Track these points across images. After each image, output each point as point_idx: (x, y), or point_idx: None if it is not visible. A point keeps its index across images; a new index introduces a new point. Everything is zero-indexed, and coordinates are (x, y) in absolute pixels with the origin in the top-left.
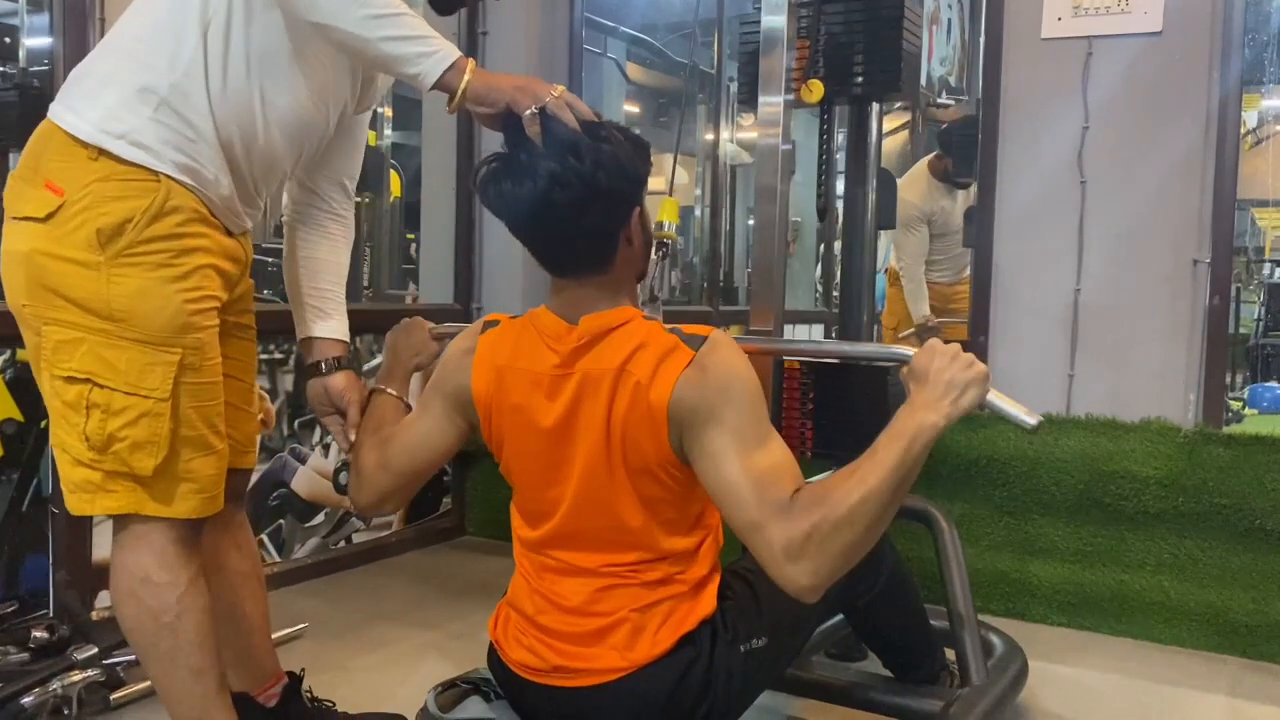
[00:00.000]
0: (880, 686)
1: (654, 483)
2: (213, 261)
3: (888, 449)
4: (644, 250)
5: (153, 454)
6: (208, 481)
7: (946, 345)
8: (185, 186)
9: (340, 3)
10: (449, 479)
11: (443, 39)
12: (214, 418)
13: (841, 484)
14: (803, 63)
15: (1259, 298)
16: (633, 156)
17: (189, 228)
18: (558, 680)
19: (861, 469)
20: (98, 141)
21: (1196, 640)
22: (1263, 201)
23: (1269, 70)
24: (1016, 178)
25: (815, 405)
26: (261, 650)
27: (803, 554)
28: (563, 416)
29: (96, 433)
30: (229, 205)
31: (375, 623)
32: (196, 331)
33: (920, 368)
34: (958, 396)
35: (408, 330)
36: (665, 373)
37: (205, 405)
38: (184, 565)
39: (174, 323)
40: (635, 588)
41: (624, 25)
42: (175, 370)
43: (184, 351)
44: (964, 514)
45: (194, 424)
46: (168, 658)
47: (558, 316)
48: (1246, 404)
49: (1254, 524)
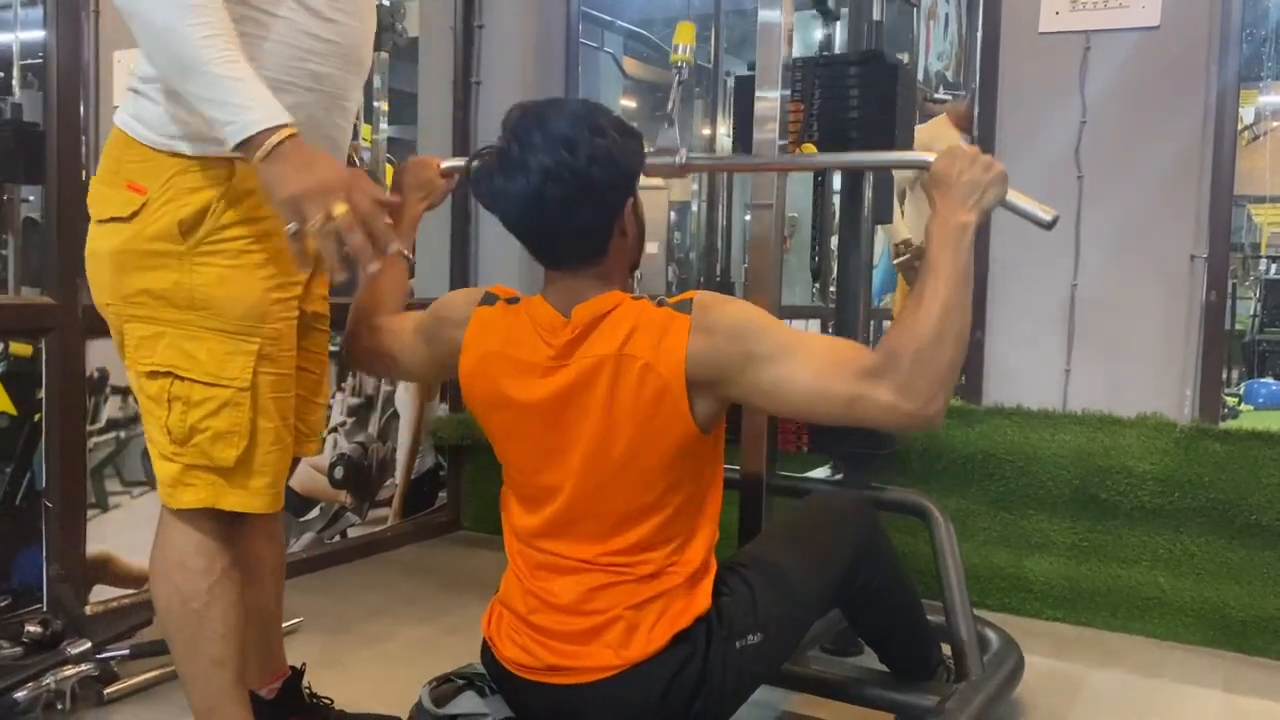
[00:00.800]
0: (876, 681)
1: (657, 466)
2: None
3: (941, 260)
4: (637, 240)
5: (234, 444)
6: (279, 475)
7: (965, 149)
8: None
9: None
10: (444, 474)
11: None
12: (287, 411)
13: (913, 314)
14: (797, 127)
15: (1255, 294)
16: (625, 149)
17: (266, 211)
18: (551, 678)
19: (925, 292)
20: (166, 147)
21: (1192, 635)
22: (1259, 198)
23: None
24: (1013, 172)
25: None
26: (276, 644)
27: (913, 389)
28: (558, 403)
29: (178, 425)
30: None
31: (370, 617)
32: (275, 322)
33: (942, 172)
34: (980, 197)
35: (415, 168)
36: (671, 346)
37: (281, 397)
38: (220, 555)
39: (254, 311)
40: (630, 583)
41: (621, 19)
42: (254, 360)
43: (262, 341)
44: (960, 509)
45: (271, 415)
46: (191, 643)
47: (552, 308)
48: (1242, 400)
49: (1249, 519)
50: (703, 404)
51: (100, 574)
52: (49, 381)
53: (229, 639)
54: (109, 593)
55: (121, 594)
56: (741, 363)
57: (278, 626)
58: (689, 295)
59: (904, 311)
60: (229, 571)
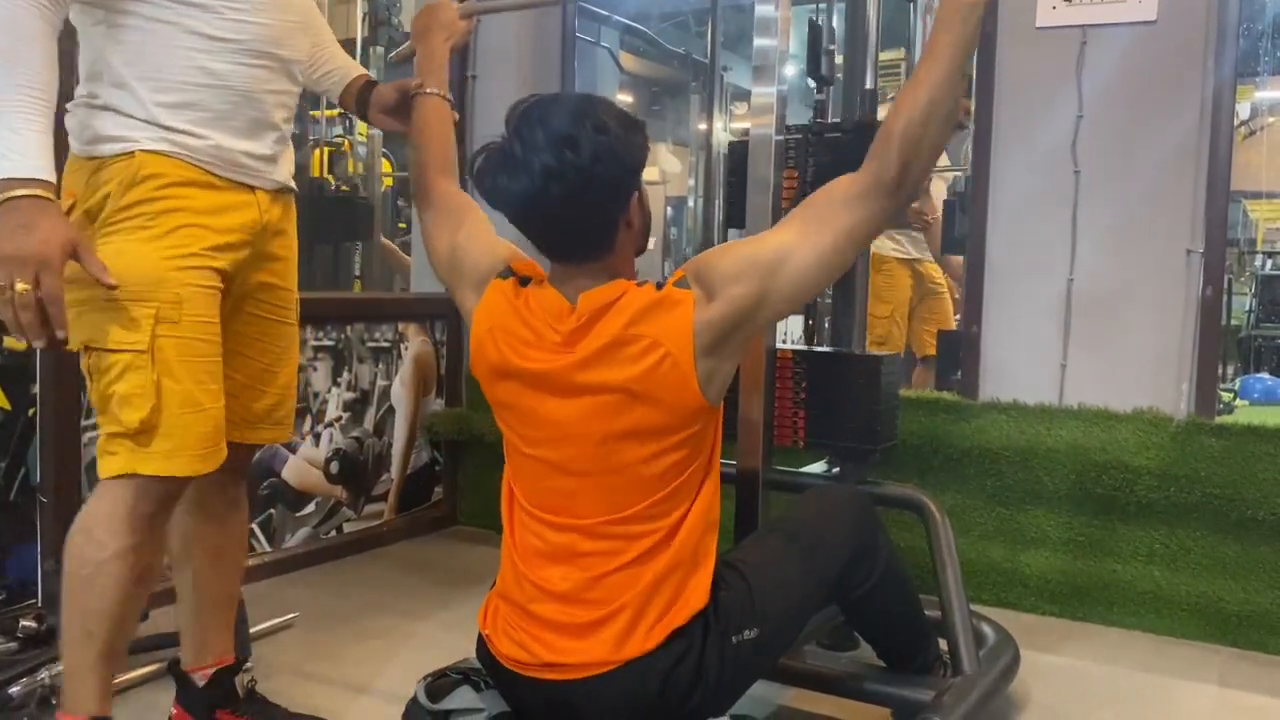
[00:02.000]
0: (873, 676)
1: (660, 437)
2: (197, 221)
3: (941, 40)
4: (643, 229)
5: (139, 406)
6: (195, 440)
7: None
8: (161, 154)
9: None
10: (440, 469)
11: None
12: (202, 375)
13: (905, 102)
14: (790, 194)
15: (1251, 289)
16: (629, 144)
17: (167, 191)
18: (547, 674)
19: (919, 75)
20: (85, 153)
21: (1187, 630)
22: (1255, 193)
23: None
24: (1010, 167)
25: (808, 395)
26: (210, 628)
27: (903, 179)
28: (564, 378)
29: (95, 395)
30: (226, 157)
31: (366, 612)
32: (175, 286)
33: None
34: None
35: (433, 11)
36: (676, 321)
37: (191, 361)
38: (124, 534)
39: (149, 277)
40: (628, 567)
41: (617, 14)
42: (152, 322)
43: (160, 305)
44: (956, 504)
45: (179, 378)
46: (72, 607)
47: (560, 294)
48: (1238, 395)
49: (1245, 514)
50: (713, 369)
51: None
52: (43, 376)
53: (105, 617)
54: None
55: None
56: (760, 292)
57: (216, 613)
58: (679, 274)
59: (900, 94)
60: (124, 553)
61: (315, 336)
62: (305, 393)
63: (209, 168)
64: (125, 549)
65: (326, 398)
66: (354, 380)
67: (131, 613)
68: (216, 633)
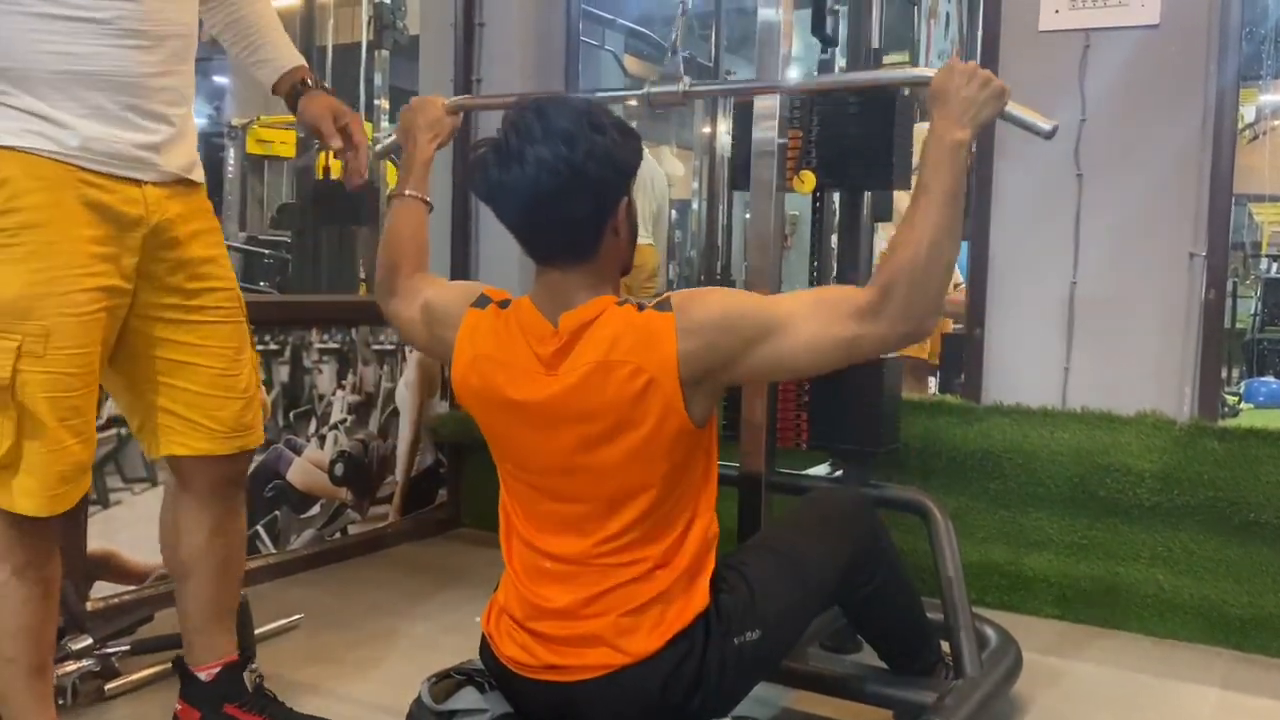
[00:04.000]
0: (875, 678)
1: (652, 462)
2: (66, 234)
3: (934, 179)
4: (630, 242)
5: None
6: (52, 479)
7: (964, 65)
8: (13, 151)
9: None
10: (445, 471)
11: None
12: (66, 411)
13: (906, 236)
14: (795, 153)
15: (1255, 293)
16: (623, 148)
17: (24, 200)
18: (550, 676)
19: (917, 213)
20: None
21: (1190, 633)
22: (1259, 196)
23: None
24: (1013, 171)
25: (811, 397)
26: (215, 633)
27: (909, 313)
28: (550, 406)
29: None
30: (99, 149)
31: (370, 614)
32: (41, 318)
33: (939, 87)
34: (977, 111)
35: (421, 109)
36: (660, 347)
37: (56, 397)
38: (14, 554)
39: (13, 307)
40: (627, 585)
41: (621, 18)
42: (13, 358)
43: (24, 338)
44: (959, 506)
45: (39, 416)
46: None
47: (540, 314)
48: (1243, 399)
49: (1248, 517)
50: (696, 398)
51: (101, 570)
52: None
53: (18, 638)
54: (110, 589)
55: (123, 590)
56: (738, 350)
57: (208, 616)
58: (665, 297)
59: (897, 234)
60: (21, 573)
61: (320, 339)
62: (310, 395)
63: (77, 162)
64: (20, 566)
65: (331, 400)
66: (359, 383)
67: (46, 626)
68: (220, 636)
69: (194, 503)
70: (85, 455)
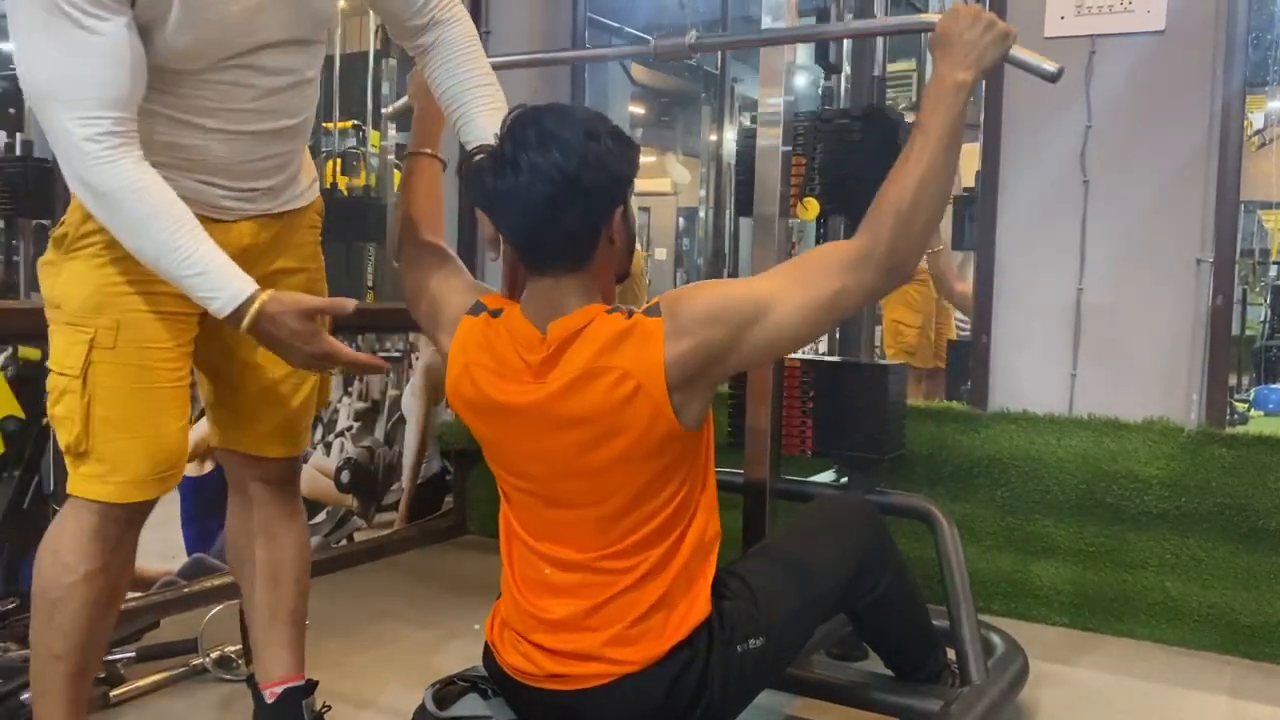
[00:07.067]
0: (881, 686)
1: (645, 466)
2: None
3: (932, 119)
4: (625, 250)
5: (68, 430)
6: (128, 467)
7: (968, 7)
8: None
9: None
10: (450, 478)
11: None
12: (140, 402)
13: (895, 178)
14: (799, 180)
15: (1265, 299)
16: (620, 157)
17: None
18: (553, 684)
19: (913, 151)
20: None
21: (1198, 641)
22: (1268, 204)
23: (1273, 71)
24: (1019, 177)
25: (815, 404)
26: (272, 646)
27: (893, 254)
28: (541, 413)
29: (50, 415)
30: (198, 199)
31: (375, 621)
32: (113, 313)
33: (944, 31)
34: (981, 54)
35: None
36: (648, 353)
37: (129, 388)
38: (91, 557)
39: (89, 303)
40: (627, 593)
41: (628, 26)
42: (87, 348)
43: (97, 330)
44: (965, 514)
45: (112, 404)
46: (39, 629)
47: (531, 323)
48: (1253, 406)
49: (1256, 524)
50: (687, 401)
51: None
52: None
53: (71, 638)
54: None
55: (129, 596)
56: (732, 339)
57: (281, 630)
58: (654, 302)
59: (891, 174)
60: (94, 577)
61: None
62: None
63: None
64: (93, 571)
65: (338, 407)
66: (365, 390)
67: (100, 633)
68: (279, 650)
69: (243, 504)
70: (171, 445)
